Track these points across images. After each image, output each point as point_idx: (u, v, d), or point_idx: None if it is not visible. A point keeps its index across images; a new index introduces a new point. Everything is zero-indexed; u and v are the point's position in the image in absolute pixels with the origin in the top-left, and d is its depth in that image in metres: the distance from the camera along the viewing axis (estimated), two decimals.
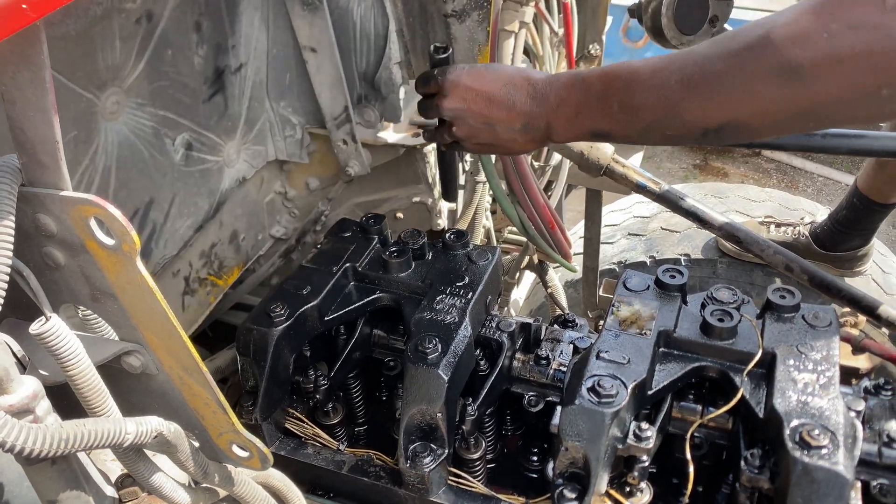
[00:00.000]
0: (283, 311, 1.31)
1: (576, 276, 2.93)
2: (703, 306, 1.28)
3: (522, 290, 3.06)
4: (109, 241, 0.64)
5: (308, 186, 1.79)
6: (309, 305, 1.34)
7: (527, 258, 2.17)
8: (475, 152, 1.36)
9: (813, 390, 1.12)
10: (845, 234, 2.67)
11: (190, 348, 0.70)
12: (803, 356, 1.17)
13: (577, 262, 2.51)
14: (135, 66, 1.23)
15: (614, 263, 2.93)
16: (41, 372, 0.69)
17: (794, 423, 1.07)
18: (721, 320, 1.22)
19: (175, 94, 1.35)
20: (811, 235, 2.72)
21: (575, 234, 3.24)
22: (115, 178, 1.26)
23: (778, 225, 2.77)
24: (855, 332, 2.12)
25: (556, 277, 2.24)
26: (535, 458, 1.42)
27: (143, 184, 1.34)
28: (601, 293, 2.15)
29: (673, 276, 1.32)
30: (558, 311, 2.30)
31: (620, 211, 3.16)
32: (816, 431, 1.05)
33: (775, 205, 2.98)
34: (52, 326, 0.63)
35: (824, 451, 1.03)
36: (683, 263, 2.80)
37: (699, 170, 6.07)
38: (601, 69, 1.16)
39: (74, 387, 0.66)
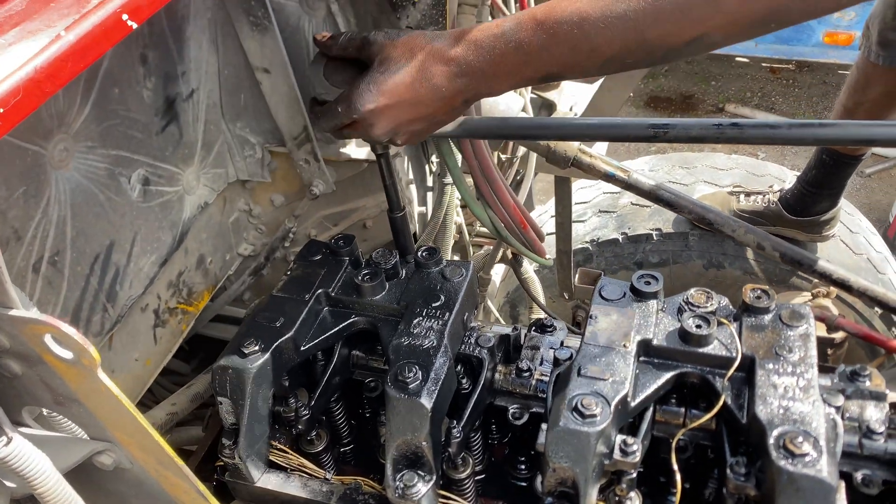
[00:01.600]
0: (257, 347, 1.29)
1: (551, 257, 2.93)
2: (681, 312, 1.28)
3: (498, 272, 3.05)
4: (68, 355, 0.61)
5: (273, 203, 1.76)
6: (283, 338, 1.32)
7: (500, 252, 2.16)
8: (422, 139, 1.34)
9: (793, 394, 1.13)
10: (815, 194, 2.69)
11: (162, 444, 0.68)
12: (781, 359, 1.18)
13: (550, 243, 2.50)
14: (80, 110, 1.18)
15: (587, 242, 2.94)
16: (8, 485, 0.66)
17: (777, 431, 1.08)
18: (699, 326, 1.22)
19: (126, 131, 1.30)
20: (781, 202, 2.74)
21: (546, 213, 3.23)
22: (72, 226, 1.22)
23: (747, 194, 2.79)
24: (827, 302, 2.15)
25: (531, 269, 2.23)
26: (524, 467, 1.43)
27: (101, 228, 1.29)
28: (577, 283, 2.15)
29: (648, 283, 1.31)
30: (535, 307, 2.30)
31: (590, 187, 3.16)
32: (800, 439, 1.05)
33: (742, 172, 2.99)
34: (14, 449, 0.60)
35: (808, 458, 1.04)
36: (655, 238, 2.81)
37: None
38: (529, 19, 1.13)
39: (44, 503, 0.64)
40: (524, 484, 1.43)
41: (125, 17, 0.72)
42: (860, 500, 1.18)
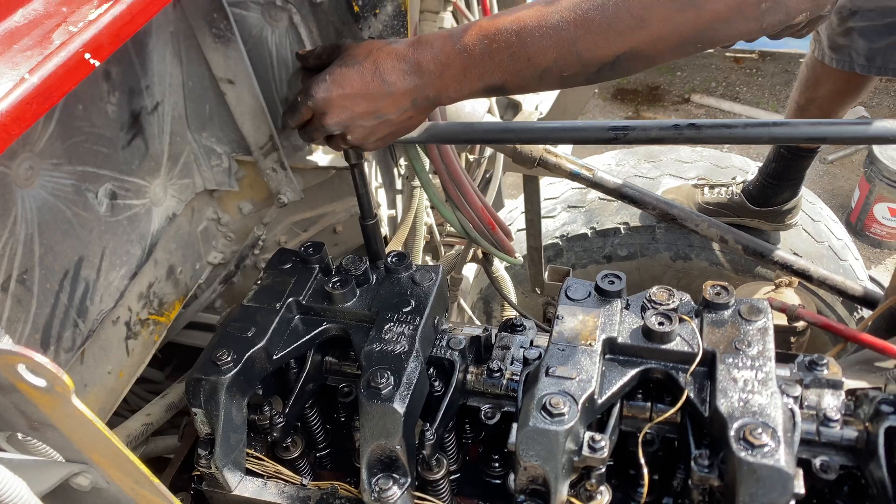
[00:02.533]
0: (229, 358, 1.30)
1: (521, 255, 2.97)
2: (644, 309, 1.31)
3: (471, 269, 3.08)
4: (41, 383, 0.62)
5: (241, 211, 1.76)
6: (256, 348, 1.33)
7: (471, 252, 2.18)
8: (378, 148, 1.38)
9: (752, 387, 1.17)
10: (776, 186, 2.76)
11: (137, 464, 0.69)
12: (741, 353, 1.22)
13: (521, 240, 2.54)
14: (45, 128, 1.18)
15: (557, 237, 2.98)
16: None
17: (737, 423, 1.11)
18: (661, 324, 1.26)
19: (92, 147, 1.30)
20: (744, 193, 2.80)
21: (517, 209, 3.26)
22: (40, 244, 1.22)
23: (711, 187, 2.85)
24: (790, 290, 2.21)
25: (502, 267, 2.26)
26: (497, 465, 1.46)
27: (69, 244, 1.29)
28: (547, 280, 2.19)
29: (612, 282, 1.34)
30: (506, 305, 2.33)
31: (559, 183, 3.19)
32: (759, 430, 1.09)
33: (707, 164, 3.05)
34: None
35: (766, 448, 1.08)
36: (623, 232, 2.85)
37: None
38: (475, 26, 1.20)
39: None
40: (499, 482, 1.46)
41: (88, 55, 0.73)
42: (819, 486, 1.22)
